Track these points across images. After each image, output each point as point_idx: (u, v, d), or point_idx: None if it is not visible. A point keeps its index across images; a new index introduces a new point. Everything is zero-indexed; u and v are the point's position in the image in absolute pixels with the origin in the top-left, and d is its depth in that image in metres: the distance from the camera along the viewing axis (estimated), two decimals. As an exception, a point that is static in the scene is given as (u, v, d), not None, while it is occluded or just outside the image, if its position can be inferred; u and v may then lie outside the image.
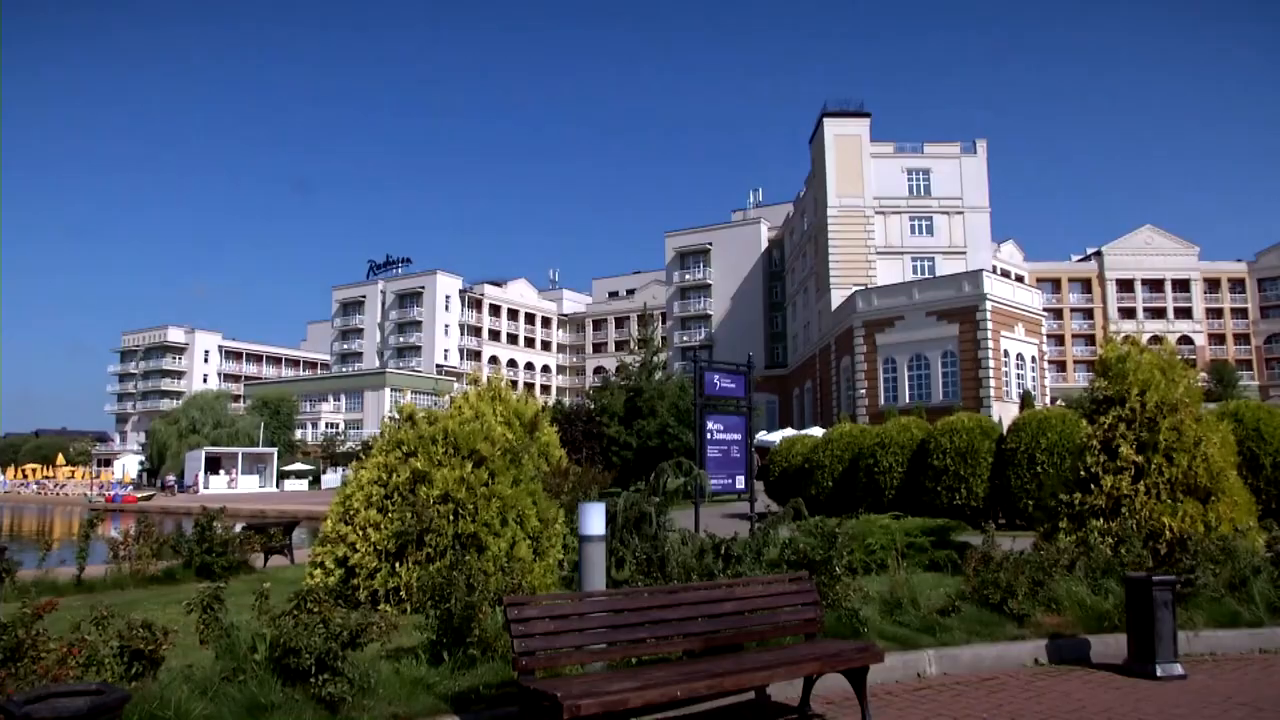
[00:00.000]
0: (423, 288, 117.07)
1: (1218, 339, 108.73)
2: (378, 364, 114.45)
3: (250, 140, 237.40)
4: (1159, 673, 7.30)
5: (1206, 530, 9.73)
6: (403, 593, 8.88)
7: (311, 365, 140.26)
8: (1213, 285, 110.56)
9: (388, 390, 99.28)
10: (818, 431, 34.27)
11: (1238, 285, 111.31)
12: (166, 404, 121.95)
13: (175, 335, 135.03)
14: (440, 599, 6.78)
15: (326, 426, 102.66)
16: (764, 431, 52.51)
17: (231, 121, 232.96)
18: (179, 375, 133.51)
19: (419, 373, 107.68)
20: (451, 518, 9.10)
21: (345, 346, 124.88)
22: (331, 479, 73.02)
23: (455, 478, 9.31)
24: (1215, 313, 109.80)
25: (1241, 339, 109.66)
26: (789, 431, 45.29)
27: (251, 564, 14.73)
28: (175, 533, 15.01)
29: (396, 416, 10.80)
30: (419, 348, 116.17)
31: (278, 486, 77.40)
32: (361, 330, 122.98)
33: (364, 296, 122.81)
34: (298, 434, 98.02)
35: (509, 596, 5.70)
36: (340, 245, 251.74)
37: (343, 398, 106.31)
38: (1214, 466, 10.22)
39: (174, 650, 5.82)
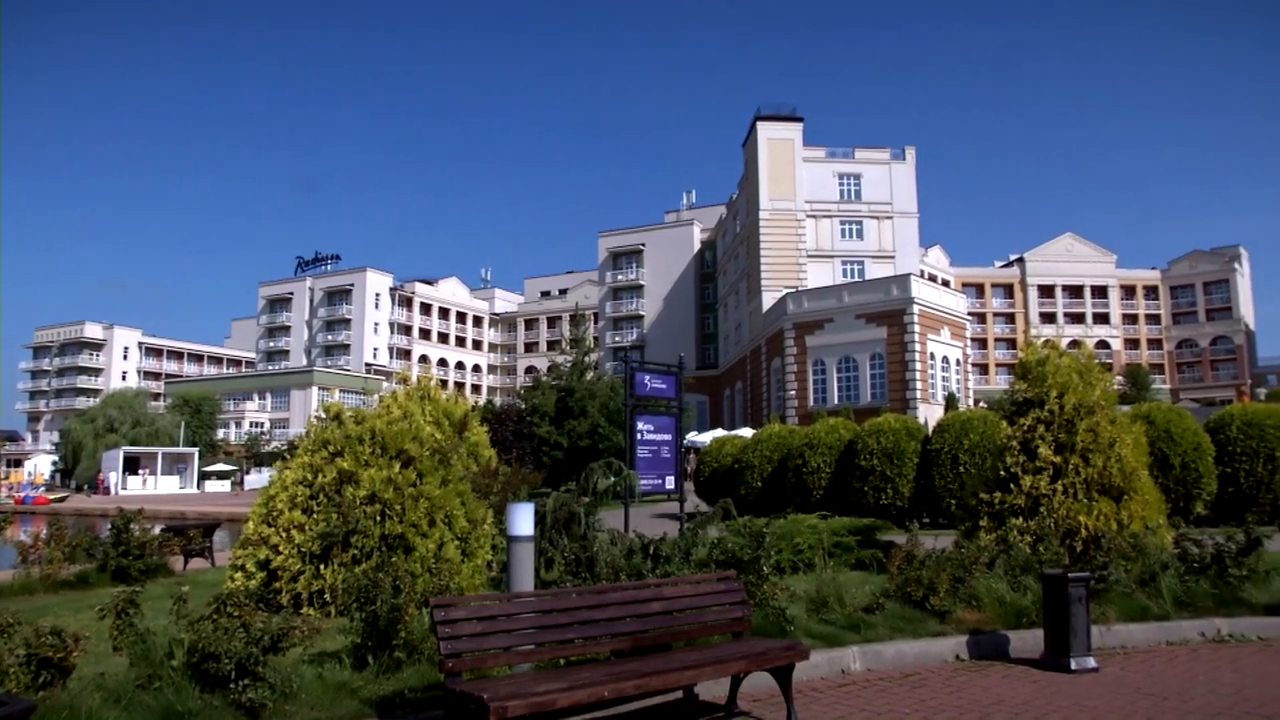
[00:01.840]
0: (352, 285, 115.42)
1: (1133, 344, 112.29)
2: (305, 362, 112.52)
3: (176, 134, 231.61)
4: (1073, 666, 7.52)
5: (1119, 528, 10.02)
6: (327, 595, 8.75)
7: (236, 363, 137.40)
8: (1129, 292, 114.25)
9: (315, 389, 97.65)
10: (748, 432, 34.57)
11: (1152, 292, 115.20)
12: (83, 402, 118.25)
13: (93, 331, 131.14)
14: (365, 601, 6.70)
15: (251, 426, 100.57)
16: (695, 432, 52.85)
17: (156, 115, 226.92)
18: (96, 373, 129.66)
19: (348, 371, 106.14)
20: (378, 519, 8.99)
21: (271, 344, 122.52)
22: (255, 480, 71.58)
23: (382, 478, 9.20)
24: (1131, 318, 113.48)
25: (1155, 344, 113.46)
26: (719, 432, 45.61)
27: (170, 567, 14.38)
28: (89, 535, 14.57)
29: (323, 416, 10.63)
30: (348, 346, 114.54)
31: (199, 487, 75.64)
32: (289, 328, 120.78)
33: (291, 293, 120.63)
34: (220, 434, 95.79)
35: (435, 598, 5.65)
36: (268, 241, 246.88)
37: (268, 396, 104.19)
38: (1127, 467, 10.54)
39: (86, 658, 5.66)
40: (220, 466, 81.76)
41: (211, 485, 76.81)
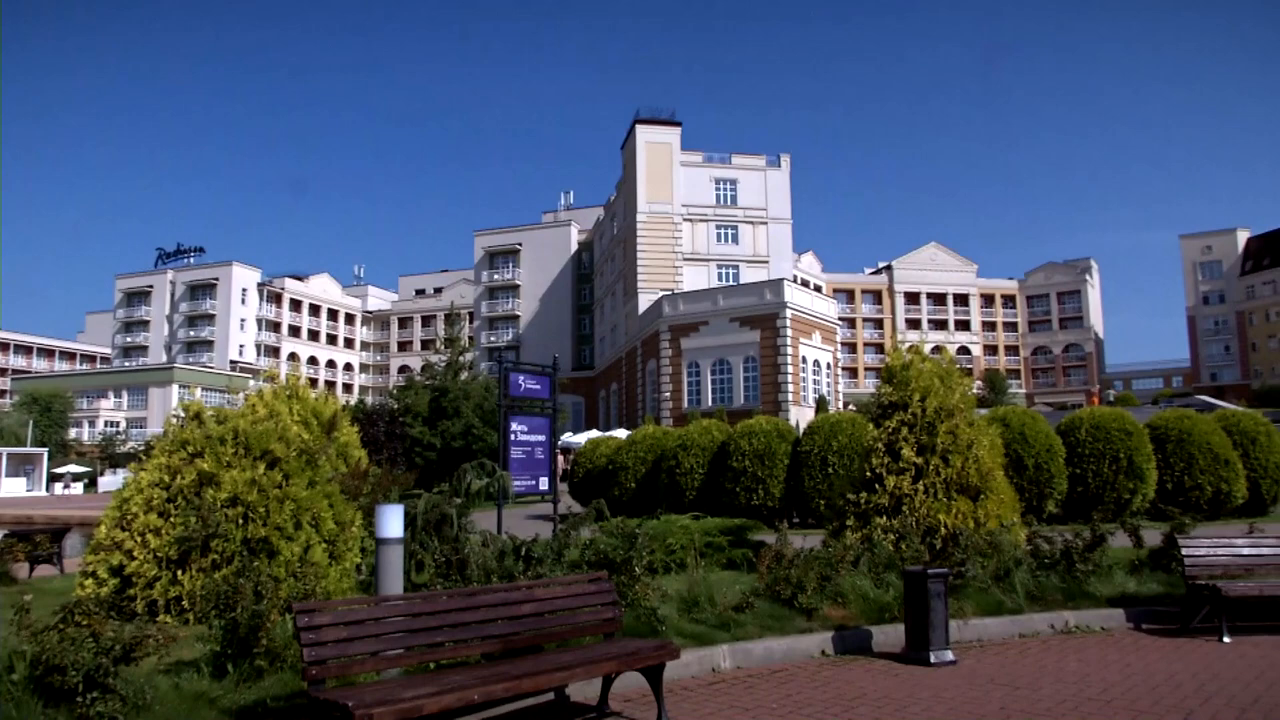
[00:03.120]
0: (217, 279, 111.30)
1: (992, 350, 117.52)
2: (165, 359, 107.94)
3: (25, 116, 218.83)
4: (933, 659, 7.80)
5: (977, 526, 10.44)
6: (185, 602, 8.38)
7: (90, 359, 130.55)
8: (988, 300, 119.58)
9: (175, 387, 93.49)
10: (623, 433, 34.71)
11: (1010, 301, 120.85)
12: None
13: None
14: (226, 607, 6.46)
15: (106, 425, 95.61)
16: (570, 433, 52.79)
17: (9, 102, 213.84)
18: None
19: (211, 369, 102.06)
20: (241, 522, 8.66)
21: (129, 339, 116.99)
22: (110, 481, 68.08)
23: (246, 480, 8.87)
24: (990, 325, 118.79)
25: (1012, 350, 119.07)
26: (594, 433, 45.69)
27: (14, 575, 13.57)
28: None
29: (182, 415, 10.20)
30: (212, 343, 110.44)
31: (48, 490, 71.58)
32: (148, 322, 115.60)
33: (151, 286, 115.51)
34: (73, 433, 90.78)
35: (299, 603, 5.49)
36: (125, 232, 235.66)
37: (125, 394, 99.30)
38: (984, 467, 10.99)
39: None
40: (73, 468, 77.45)
41: (63, 487, 72.80)
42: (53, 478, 73.52)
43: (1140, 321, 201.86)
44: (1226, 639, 8.77)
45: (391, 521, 6.58)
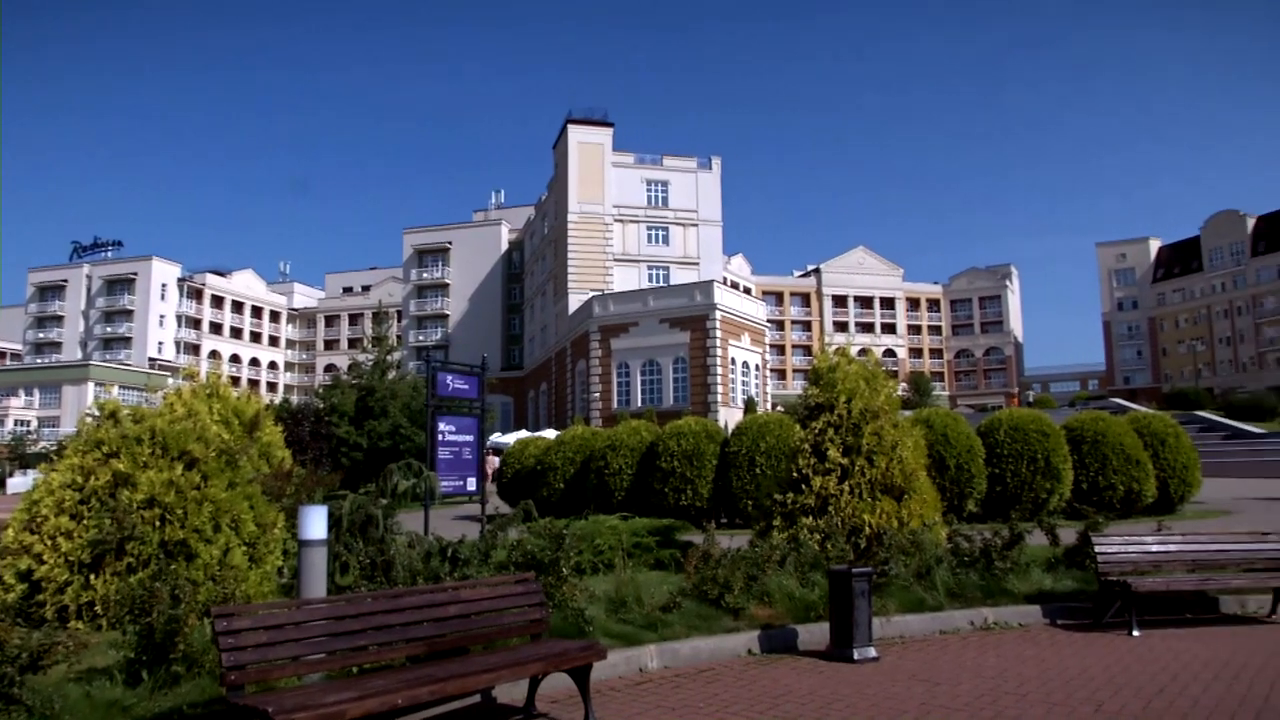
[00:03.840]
0: (135, 274, 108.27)
1: (916, 352, 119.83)
2: (80, 355, 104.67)
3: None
4: (856, 656, 7.92)
5: (900, 525, 10.62)
6: (98, 608, 8.12)
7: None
8: (914, 304, 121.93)
9: (91, 385, 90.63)
10: (552, 434, 34.61)
11: (934, 305, 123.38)
12: None
13: None
14: (141, 612, 6.27)
15: (16, 424, 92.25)
16: (498, 433, 52.46)
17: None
18: None
19: (129, 366, 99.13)
20: (158, 524, 8.43)
21: (41, 335, 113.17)
22: (19, 483, 65.56)
23: (163, 480, 8.63)
24: (915, 329, 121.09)
25: (936, 353, 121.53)
26: (523, 433, 45.46)
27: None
28: None
29: (97, 414, 9.90)
30: (129, 339, 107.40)
31: (-48, 491, 68.99)
32: (62, 318, 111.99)
33: (66, 281, 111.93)
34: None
35: (218, 607, 5.36)
36: (39, 226, 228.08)
37: (36, 392, 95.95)
38: (907, 468, 11.18)
39: None
40: (-23, 469, 74.83)
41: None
42: (-43, 478, 70.79)
43: (1058, 325, 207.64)
44: (1136, 633, 9.07)
45: (314, 523, 6.47)
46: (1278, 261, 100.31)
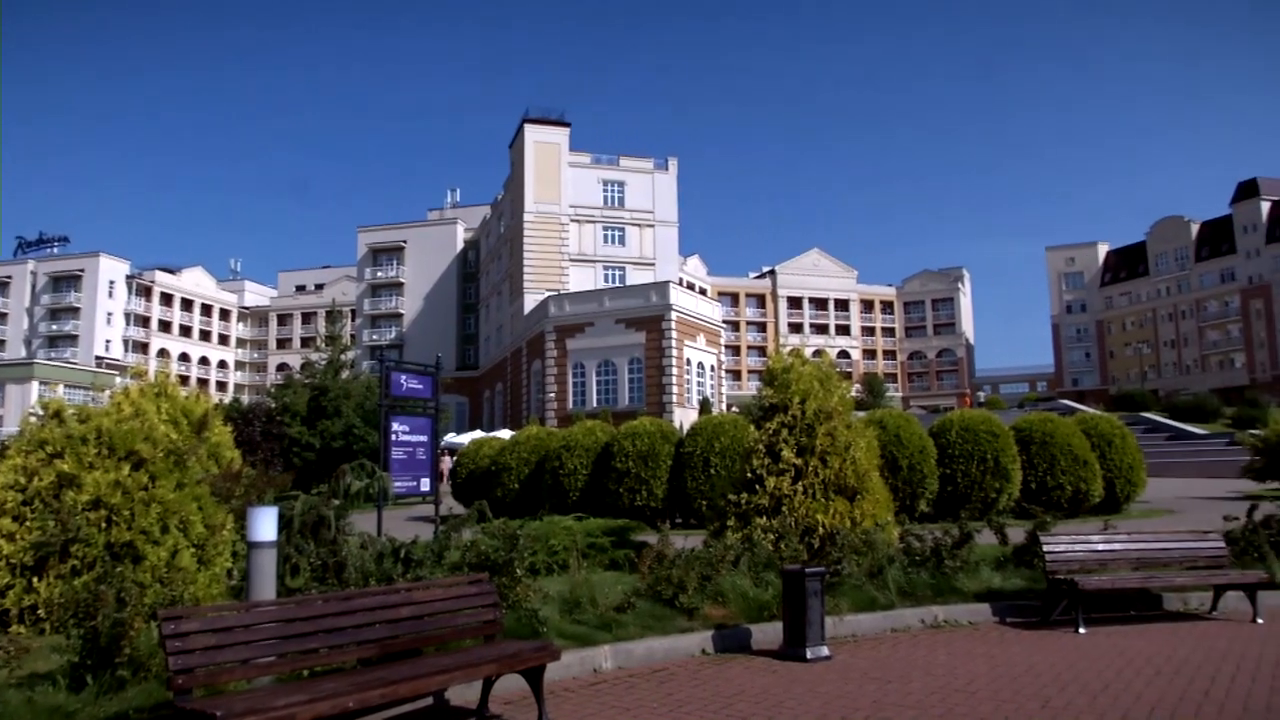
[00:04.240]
0: (82, 271, 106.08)
1: (870, 354, 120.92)
2: (24, 353, 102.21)
3: None
4: (809, 655, 7.97)
5: (853, 525, 10.71)
6: (41, 611, 7.96)
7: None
8: (868, 306, 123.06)
9: (35, 384, 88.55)
10: (507, 434, 34.48)
11: (888, 307, 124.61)
12: None
13: None
14: (86, 616, 6.14)
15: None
16: (453, 433, 52.16)
17: None
18: None
19: (75, 365, 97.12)
20: (104, 525, 8.27)
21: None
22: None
23: (109, 481, 8.48)
24: (869, 330, 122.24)
25: (889, 354, 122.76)
26: (478, 433, 45.25)
27: None
28: None
29: (41, 413, 9.70)
30: (76, 337, 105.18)
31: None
32: (5, 315, 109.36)
33: (10, 277, 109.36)
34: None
35: (165, 610, 5.26)
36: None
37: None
38: (861, 468, 11.28)
39: None
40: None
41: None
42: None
43: (1008, 327, 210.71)
44: (1082, 630, 9.24)
45: (264, 524, 6.38)
46: (1220, 267, 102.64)
